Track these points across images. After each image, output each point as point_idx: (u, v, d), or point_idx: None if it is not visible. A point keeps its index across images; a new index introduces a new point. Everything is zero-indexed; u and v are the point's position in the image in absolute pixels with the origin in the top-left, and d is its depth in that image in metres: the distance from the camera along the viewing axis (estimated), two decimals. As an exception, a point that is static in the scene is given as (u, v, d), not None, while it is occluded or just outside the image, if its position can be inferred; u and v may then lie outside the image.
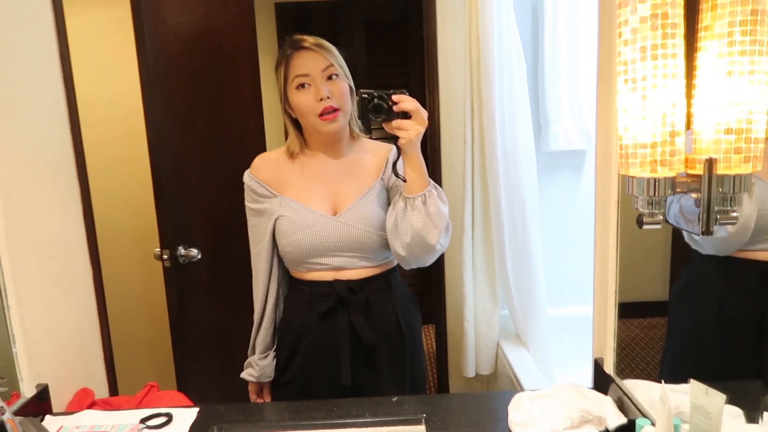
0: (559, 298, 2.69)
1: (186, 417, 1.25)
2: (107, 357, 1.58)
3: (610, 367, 1.20)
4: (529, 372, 2.23)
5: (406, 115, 1.23)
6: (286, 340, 1.43)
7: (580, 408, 1.13)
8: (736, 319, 0.97)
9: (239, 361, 1.49)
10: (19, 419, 1.06)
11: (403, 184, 1.29)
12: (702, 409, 0.84)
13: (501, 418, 1.18)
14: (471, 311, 2.48)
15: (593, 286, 1.28)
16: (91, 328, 1.53)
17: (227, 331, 2.17)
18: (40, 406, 1.26)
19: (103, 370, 1.58)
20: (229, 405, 1.29)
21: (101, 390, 1.56)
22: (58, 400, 1.33)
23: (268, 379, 1.47)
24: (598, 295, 1.26)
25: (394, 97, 1.23)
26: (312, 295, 1.39)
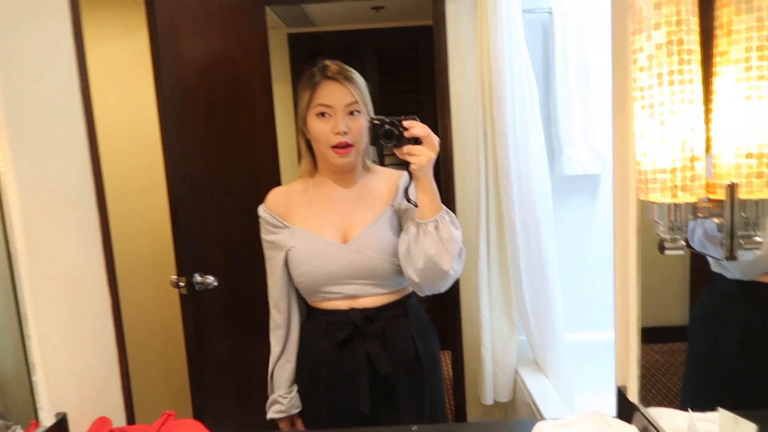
0: (576, 323, 2.65)
1: (204, 447, 1.24)
2: (125, 385, 1.58)
3: (634, 395, 1.18)
4: (549, 399, 2.19)
5: (417, 140, 1.24)
6: (305, 369, 1.43)
7: (604, 437, 1.11)
8: (761, 344, 0.95)
9: (256, 390, 1.48)
10: (38, 450, 1.06)
11: (415, 209, 1.29)
12: (732, 438, 0.82)
13: (523, 448, 1.15)
14: (488, 337, 2.46)
15: (614, 313, 1.26)
16: (109, 356, 1.53)
17: (244, 359, 2.16)
18: (58, 436, 1.26)
19: (121, 399, 1.57)
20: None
21: (119, 418, 1.55)
22: (77, 428, 1.32)
23: (297, 410, 1.45)
24: (620, 322, 1.24)
25: (405, 123, 1.24)
26: (328, 324, 1.39)
